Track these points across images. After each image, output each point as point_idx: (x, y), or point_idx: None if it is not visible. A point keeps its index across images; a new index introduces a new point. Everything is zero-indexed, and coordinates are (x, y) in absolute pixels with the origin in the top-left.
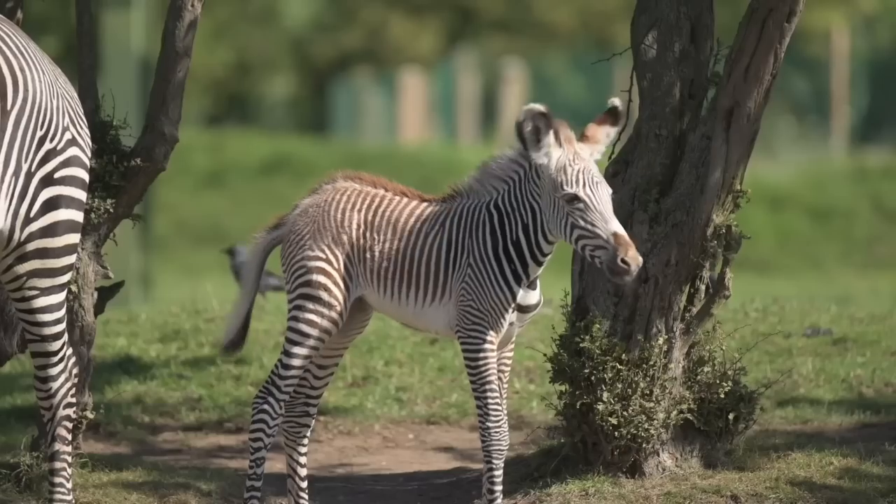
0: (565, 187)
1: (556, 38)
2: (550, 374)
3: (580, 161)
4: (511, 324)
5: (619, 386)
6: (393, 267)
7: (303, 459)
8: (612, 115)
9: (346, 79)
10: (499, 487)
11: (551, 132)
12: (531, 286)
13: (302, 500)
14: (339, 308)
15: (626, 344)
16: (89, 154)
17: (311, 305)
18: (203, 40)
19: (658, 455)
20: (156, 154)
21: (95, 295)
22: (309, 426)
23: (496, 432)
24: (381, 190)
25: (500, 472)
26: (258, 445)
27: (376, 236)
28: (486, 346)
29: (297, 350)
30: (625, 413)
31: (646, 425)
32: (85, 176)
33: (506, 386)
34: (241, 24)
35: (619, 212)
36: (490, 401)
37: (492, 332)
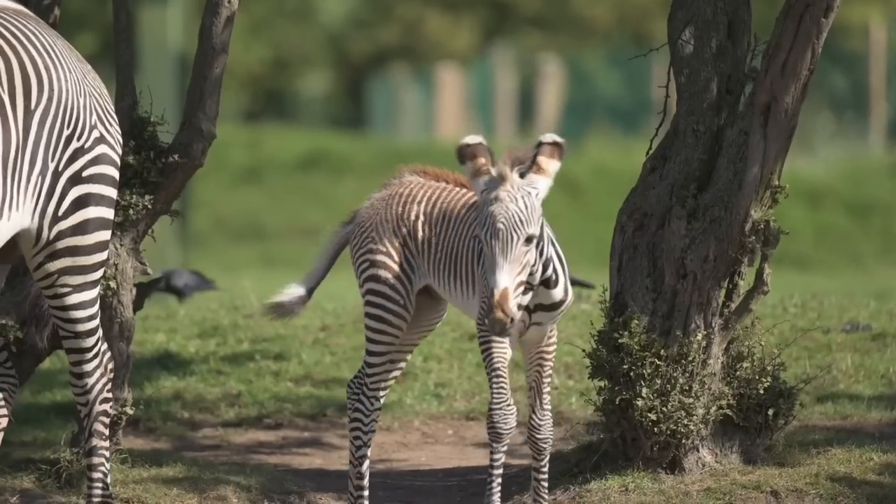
0: (475, 226)
1: (593, 34)
2: (589, 370)
3: (496, 203)
4: (533, 323)
5: (658, 382)
6: (445, 258)
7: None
8: (559, 149)
9: (383, 75)
10: (497, 472)
11: (465, 165)
12: (547, 286)
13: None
14: (402, 300)
15: (665, 340)
16: (119, 151)
17: (376, 299)
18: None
19: (697, 451)
20: (193, 150)
21: (134, 291)
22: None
23: (498, 414)
24: (443, 183)
25: (499, 456)
26: (358, 444)
27: (433, 228)
28: (493, 339)
29: (372, 346)
30: (664, 409)
31: (685, 421)
32: (115, 173)
33: (547, 380)
34: (278, 20)
35: (657, 207)
36: (496, 387)
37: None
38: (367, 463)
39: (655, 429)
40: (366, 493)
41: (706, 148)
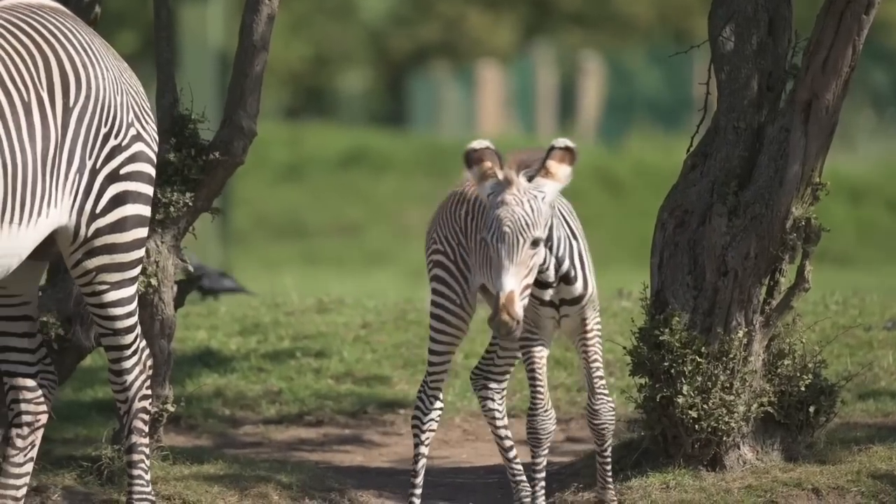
0: (481, 229)
1: (634, 31)
2: (630, 367)
3: (502, 206)
4: (562, 316)
5: (699, 379)
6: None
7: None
8: (570, 153)
9: (424, 72)
10: (541, 475)
11: (472, 170)
12: (566, 282)
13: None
14: (458, 299)
15: (706, 337)
16: (155, 149)
17: (436, 298)
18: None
19: (738, 448)
20: (234, 147)
21: (175, 288)
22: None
23: (536, 420)
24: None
25: (540, 460)
26: (415, 441)
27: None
28: (524, 335)
29: (433, 345)
30: (705, 406)
31: (726, 418)
32: (151, 171)
33: (595, 365)
34: (319, 17)
35: (698, 204)
36: (533, 391)
37: (530, 325)
38: (422, 461)
39: (696, 426)
40: (417, 491)
41: (747, 145)
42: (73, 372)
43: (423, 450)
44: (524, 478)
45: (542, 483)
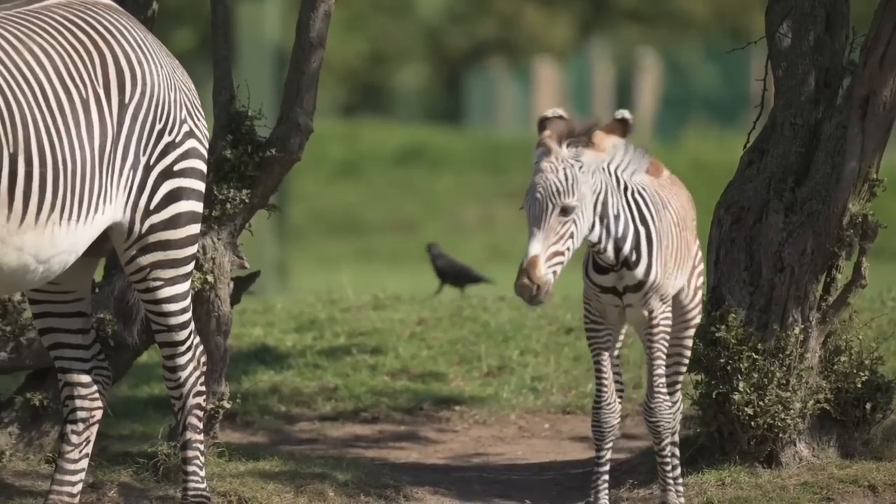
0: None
1: (691, 28)
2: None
3: (538, 173)
4: (626, 305)
5: (756, 376)
6: None
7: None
8: (621, 125)
9: (481, 69)
10: (602, 468)
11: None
12: (627, 266)
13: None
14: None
15: (762, 333)
16: (207, 146)
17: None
18: (337, 31)
19: (795, 445)
20: (290, 144)
21: (231, 285)
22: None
23: (597, 414)
24: None
25: (602, 454)
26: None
27: None
28: (589, 325)
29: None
30: (761, 403)
31: (782, 415)
32: (203, 167)
33: (657, 363)
34: (376, 14)
35: (754, 201)
36: (596, 384)
37: (591, 313)
38: (606, 457)
39: (752, 423)
40: (602, 486)
41: (804, 141)
42: (130, 368)
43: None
44: (604, 480)
45: (605, 478)
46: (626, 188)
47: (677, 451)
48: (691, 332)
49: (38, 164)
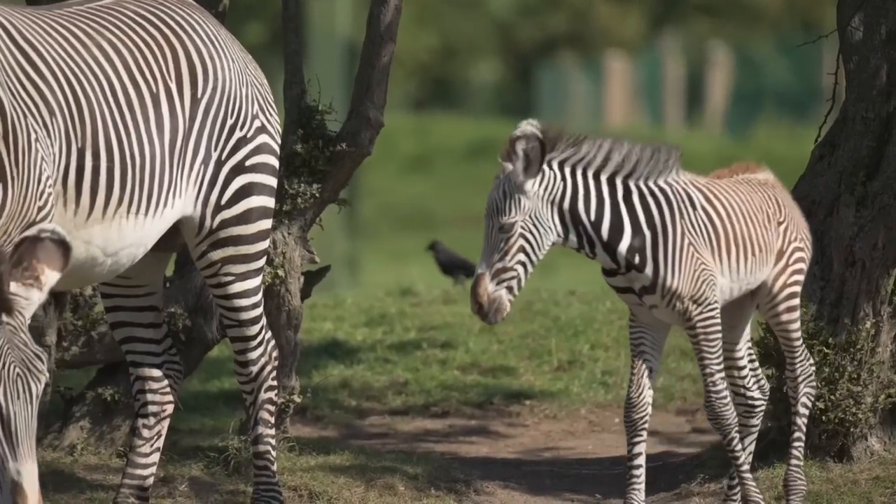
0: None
1: (762, 21)
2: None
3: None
4: (640, 305)
5: (827, 370)
6: None
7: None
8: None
9: (552, 63)
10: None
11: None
12: (635, 268)
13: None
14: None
15: (833, 328)
16: (278, 140)
17: None
18: (408, 25)
19: (866, 439)
20: (361, 139)
21: (302, 279)
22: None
23: (626, 408)
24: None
25: (633, 449)
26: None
27: None
28: (629, 324)
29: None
30: (832, 397)
31: (853, 409)
32: (275, 163)
33: (703, 363)
34: (446, 8)
35: (825, 195)
36: (630, 373)
37: (631, 312)
38: (743, 456)
39: (823, 417)
40: (749, 479)
41: (875, 135)
42: (201, 363)
43: (739, 451)
44: (748, 489)
45: (636, 472)
46: (626, 191)
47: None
48: (788, 326)
49: (106, 158)
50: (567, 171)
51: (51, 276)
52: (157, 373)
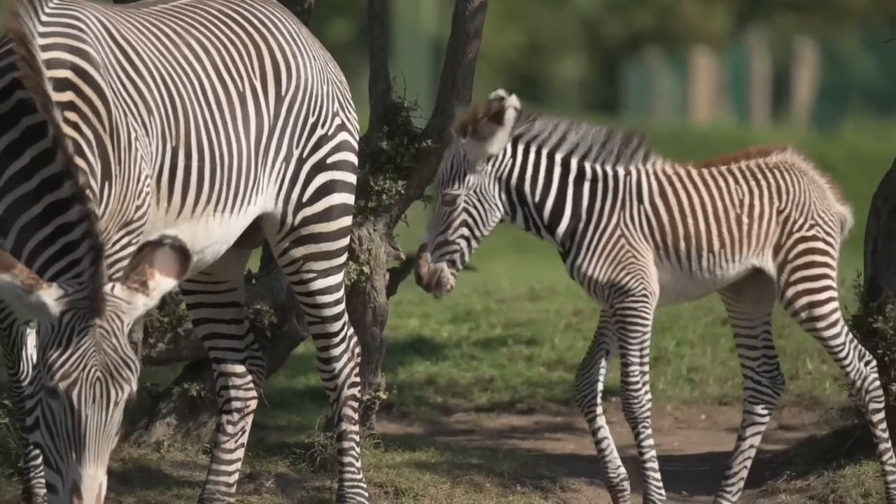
0: None
1: (849, 17)
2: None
3: None
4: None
5: None
6: None
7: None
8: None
9: (638, 59)
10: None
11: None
12: (572, 254)
13: None
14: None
15: None
16: (357, 138)
17: None
18: (493, 22)
19: None
20: (446, 135)
21: (387, 276)
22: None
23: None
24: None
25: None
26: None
27: None
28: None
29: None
30: None
31: None
32: (355, 160)
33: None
34: (532, 5)
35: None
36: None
37: None
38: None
39: None
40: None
41: None
42: (286, 360)
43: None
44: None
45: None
46: (579, 174)
47: None
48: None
49: (197, 157)
50: (520, 148)
51: (163, 283)
52: (239, 368)
